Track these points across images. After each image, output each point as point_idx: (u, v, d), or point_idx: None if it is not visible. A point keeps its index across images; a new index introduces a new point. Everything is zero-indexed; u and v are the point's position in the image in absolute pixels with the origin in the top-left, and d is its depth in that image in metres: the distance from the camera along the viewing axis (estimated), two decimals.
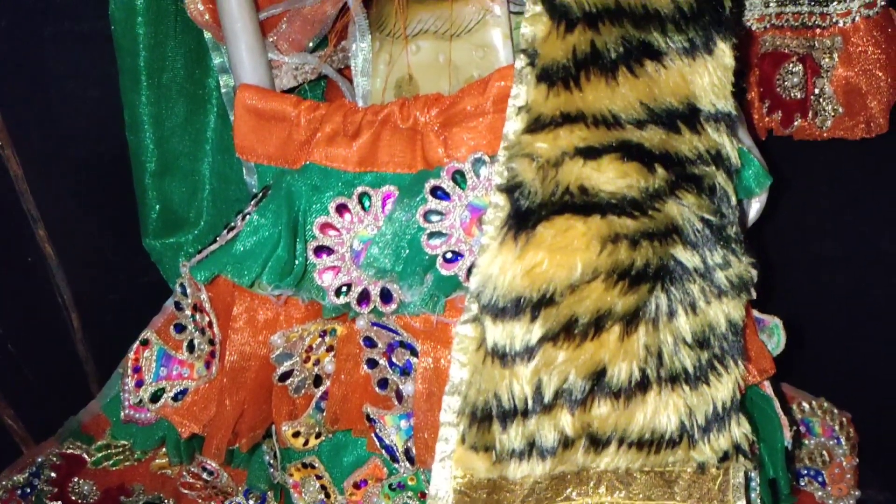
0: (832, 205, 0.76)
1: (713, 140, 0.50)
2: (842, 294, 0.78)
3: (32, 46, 0.74)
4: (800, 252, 0.78)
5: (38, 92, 0.75)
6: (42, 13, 0.74)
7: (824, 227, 0.77)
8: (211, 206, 0.73)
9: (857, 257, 0.76)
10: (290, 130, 0.56)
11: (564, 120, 0.47)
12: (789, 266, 0.78)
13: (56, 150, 0.76)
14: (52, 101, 0.76)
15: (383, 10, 0.56)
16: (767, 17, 0.73)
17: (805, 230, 0.78)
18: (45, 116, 0.76)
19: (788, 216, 0.73)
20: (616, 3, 0.47)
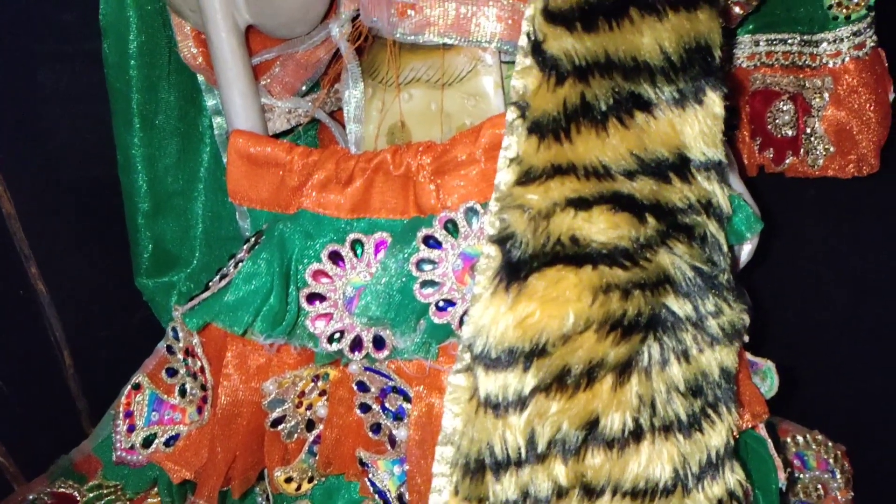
0: (823, 242, 0.77)
1: (704, 189, 0.50)
2: (835, 328, 0.78)
3: (24, 85, 0.75)
4: (792, 287, 0.79)
5: (30, 131, 0.75)
6: (35, 50, 0.74)
7: (816, 263, 0.78)
8: (203, 245, 0.73)
9: (848, 291, 0.76)
10: (283, 176, 0.56)
11: (555, 172, 0.47)
12: (781, 300, 0.79)
13: (48, 188, 0.76)
14: (45, 140, 0.76)
15: (376, 57, 0.57)
16: (758, 56, 0.73)
17: (796, 268, 0.79)
18: (38, 155, 0.76)
19: (779, 254, 0.74)
20: (606, 55, 0.47)
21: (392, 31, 0.51)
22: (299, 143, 0.67)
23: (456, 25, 0.50)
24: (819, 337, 0.80)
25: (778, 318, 0.77)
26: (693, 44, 0.49)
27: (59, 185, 0.77)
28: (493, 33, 0.51)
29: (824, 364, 0.80)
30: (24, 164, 0.76)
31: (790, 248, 0.77)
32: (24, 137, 0.75)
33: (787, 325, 0.79)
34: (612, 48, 0.48)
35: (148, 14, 0.63)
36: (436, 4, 0.50)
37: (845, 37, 0.67)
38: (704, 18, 0.50)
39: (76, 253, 0.79)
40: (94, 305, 0.81)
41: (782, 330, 0.77)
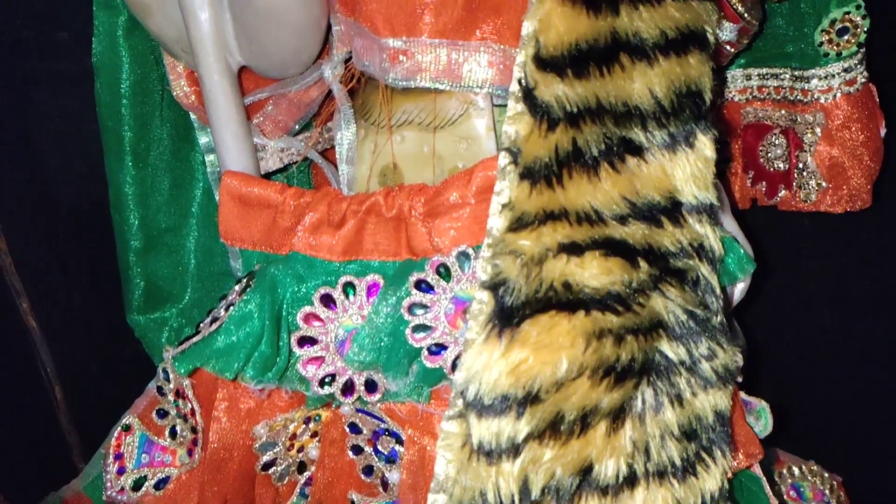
0: (815, 274, 0.77)
1: (696, 232, 0.50)
2: (829, 358, 0.78)
3: (19, 119, 0.75)
4: (784, 318, 0.79)
5: (22, 166, 0.75)
6: (32, 81, 0.74)
7: (808, 293, 0.78)
8: (196, 280, 0.72)
9: (842, 320, 0.76)
10: (275, 217, 0.56)
11: (547, 217, 0.47)
12: (774, 332, 0.78)
13: (40, 223, 0.76)
14: (37, 176, 0.76)
15: (368, 99, 0.57)
16: (749, 90, 0.74)
17: (790, 299, 0.79)
18: (30, 190, 0.76)
19: (772, 287, 0.74)
20: (597, 101, 0.48)
21: (384, 76, 0.51)
22: (292, 182, 0.68)
23: (447, 71, 0.50)
24: (813, 368, 0.80)
25: (771, 350, 0.77)
26: (684, 88, 0.49)
27: (51, 221, 0.77)
28: (485, 79, 0.51)
29: (819, 394, 0.80)
30: (17, 200, 0.76)
31: (782, 281, 0.77)
32: (17, 174, 0.75)
33: (780, 356, 0.79)
34: (604, 94, 0.48)
35: (140, 53, 0.63)
36: (427, 50, 0.50)
37: (836, 73, 0.67)
38: (695, 63, 0.50)
39: (68, 288, 0.78)
40: (85, 341, 0.80)
41: (776, 361, 0.77)
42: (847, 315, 0.76)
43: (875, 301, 0.74)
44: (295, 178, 0.69)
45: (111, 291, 0.73)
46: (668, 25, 0.49)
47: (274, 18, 0.52)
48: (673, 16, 0.49)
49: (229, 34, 0.55)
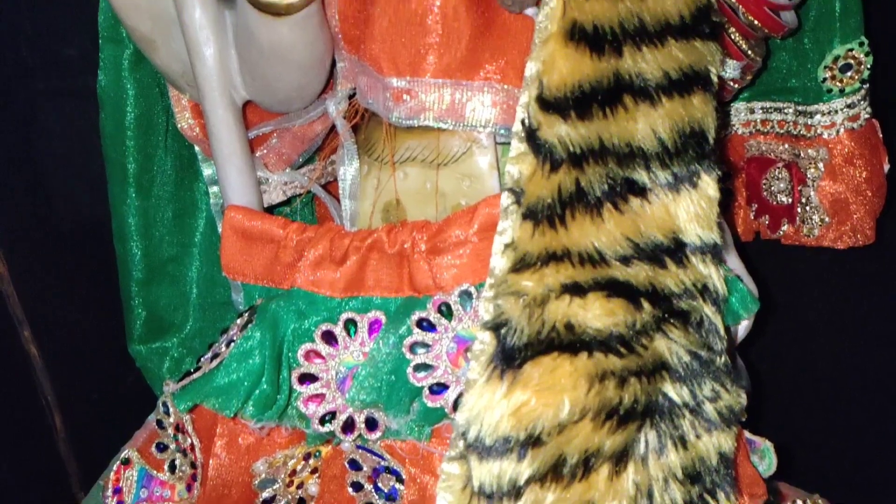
0: (819, 310, 0.77)
1: (699, 272, 0.50)
2: (834, 392, 0.78)
3: (23, 144, 0.75)
4: (789, 355, 0.78)
5: (24, 193, 0.75)
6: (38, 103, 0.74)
7: (813, 332, 0.77)
8: (197, 310, 0.72)
9: (847, 359, 0.76)
10: (278, 251, 0.55)
11: (550, 258, 0.47)
12: (778, 367, 0.78)
13: (43, 251, 0.76)
14: (39, 203, 0.76)
15: (371, 134, 0.57)
16: (753, 123, 0.74)
17: (793, 337, 0.78)
18: (32, 217, 0.76)
19: (776, 324, 0.73)
20: (600, 142, 0.48)
21: (388, 114, 0.51)
22: (295, 216, 0.68)
23: (451, 111, 0.50)
24: (818, 401, 0.79)
25: (775, 385, 0.77)
26: (687, 129, 0.49)
27: (54, 249, 0.77)
28: (488, 119, 0.51)
29: (824, 428, 0.80)
30: (20, 227, 0.76)
31: (786, 316, 0.76)
32: (18, 201, 0.75)
33: (784, 390, 0.79)
34: (607, 135, 0.48)
35: (145, 85, 0.63)
36: (431, 90, 0.50)
37: (839, 109, 0.67)
38: (698, 103, 0.50)
39: (69, 317, 0.78)
40: (86, 369, 0.80)
41: (780, 395, 0.77)
42: (851, 349, 0.76)
43: (880, 336, 0.73)
44: (298, 213, 0.69)
45: (113, 320, 0.73)
46: (671, 66, 0.49)
47: (278, 56, 0.52)
48: (676, 57, 0.49)
49: (234, 70, 0.55)
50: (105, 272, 0.72)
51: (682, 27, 0.49)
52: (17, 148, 0.75)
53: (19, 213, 0.76)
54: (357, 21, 0.52)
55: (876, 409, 0.75)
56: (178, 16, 0.54)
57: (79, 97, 0.69)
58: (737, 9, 0.57)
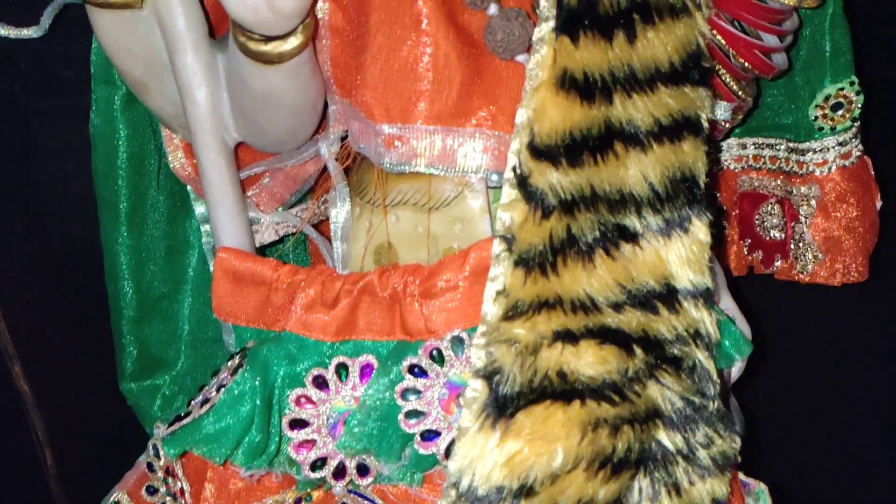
0: (815, 349, 0.76)
1: (692, 318, 0.50)
2: (830, 432, 0.78)
3: (13, 184, 0.75)
4: (782, 394, 0.78)
5: (16, 227, 0.75)
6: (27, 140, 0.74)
7: (807, 371, 0.77)
8: (189, 347, 0.72)
9: (841, 398, 0.76)
10: (269, 294, 0.55)
11: (542, 306, 0.47)
12: (772, 407, 0.78)
13: (34, 287, 0.76)
14: (31, 238, 0.76)
15: (364, 177, 0.57)
16: (745, 158, 0.74)
17: (787, 377, 0.78)
18: (24, 252, 0.76)
19: (770, 362, 0.73)
20: (591, 189, 0.48)
21: (379, 160, 0.51)
22: (288, 257, 0.68)
23: (442, 156, 0.50)
24: (812, 441, 0.79)
25: (769, 425, 0.76)
26: (678, 174, 0.49)
27: (45, 286, 0.76)
28: (480, 165, 0.51)
29: (819, 467, 0.79)
30: (10, 263, 0.76)
31: (779, 354, 0.76)
32: (11, 238, 0.75)
33: (778, 430, 0.78)
34: (598, 181, 0.48)
35: (138, 125, 0.63)
36: (422, 136, 0.50)
37: (831, 147, 0.67)
38: (689, 149, 0.50)
39: (61, 353, 0.78)
40: (77, 406, 0.79)
41: (774, 435, 0.77)
42: (847, 387, 0.76)
43: (876, 374, 0.73)
44: (291, 254, 0.69)
45: (104, 356, 0.73)
46: (662, 113, 0.49)
47: (270, 102, 0.52)
48: (666, 103, 0.49)
49: (226, 112, 0.55)
50: (97, 308, 0.72)
51: (672, 73, 0.49)
52: (10, 184, 0.75)
53: (11, 249, 0.76)
54: (349, 67, 0.52)
55: (872, 448, 0.75)
56: (170, 60, 0.54)
57: (76, 117, 0.68)
58: (727, 51, 0.57)
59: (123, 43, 0.54)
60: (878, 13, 0.70)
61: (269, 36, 0.47)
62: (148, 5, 0.52)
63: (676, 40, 0.50)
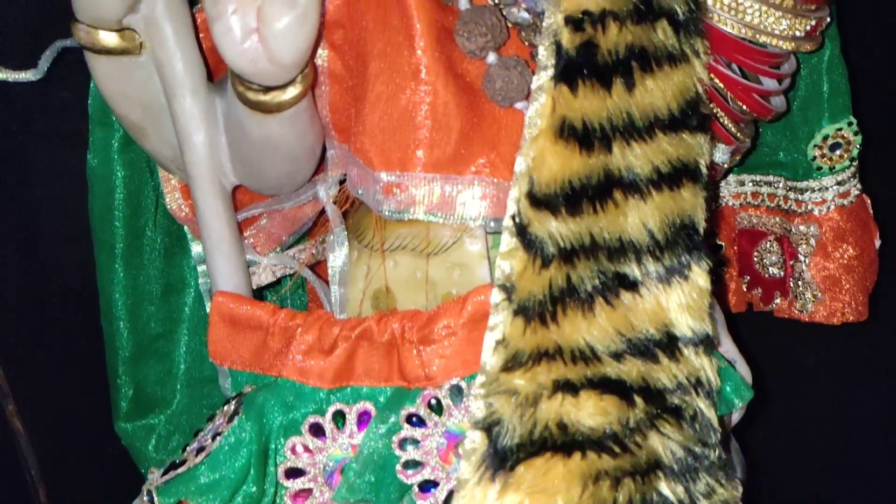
0: (816, 388, 0.76)
1: (693, 366, 0.49)
2: (831, 473, 0.77)
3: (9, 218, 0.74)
4: (783, 435, 0.78)
5: (11, 265, 0.75)
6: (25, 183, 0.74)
7: (807, 411, 0.77)
8: (185, 386, 0.71)
9: (843, 439, 0.75)
10: (266, 339, 0.55)
11: (542, 356, 0.46)
12: (772, 449, 0.77)
13: (28, 324, 0.75)
14: (26, 275, 0.75)
15: (362, 220, 0.57)
16: (743, 195, 0.74)
17: (788, 417, 0.78)
18: (19, 289, 0.75)
19: (770, 403, 0.73)
20: (591, 237, 0.47)
21: (378, 207, 0.51)
22: (286, 301, 0.67)
23: (441, 204, 0.50)
24: (813, 484, 0.78)
25: (770, 462, 0.76)
26: (677, 221, 0.49)
27: (40, 323, 0.76)
28: (479, 212, 0.51)
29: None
30: (5, 300, 0.75)
31: (780, 394, 0.76)
32: (7, 272, 0.75)
33: (778, 471, 0.78)
34: (597, 230, 0.48)
35: (135, 166, 0.63)
36: (421, 184, 0.50)
37: (830, 186, 0.67)
38: (688, 196, 0.50)
39: (55, 391, 0.77)
40: (70, 444, 0.78)
41: (775, 477, 0.76)
42: (847, 426, 0.75)
43: (876, 413, 0.73)
44: (288, 299, 0.68)
45: (99, 395, 0.72)
46: (660, 160, 0.49)
47: (269, 148, 0.52)
48: (665, 150, 0.49)
49: (224, 156, 0.55)
50: (92, 346, 0.71)
51: (670, 121, 0.49)
52: (5, 220, 0.74)
53: (6, 285, 0.75)
54: (348, 114, 0.52)
55: (873, 485, 0.74)
56: (168, 104, 0.54)
57: (74, 155, 0.68)
58: (726, 94, 0.57)
59: (121, 88, 0.54)
60: (875, 54, 0.71)
61: (268, 86, 0.47)
62: (146, 51, 0.52)
63: (675, 87, 0.50)
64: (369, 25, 0.50)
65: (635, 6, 0.49)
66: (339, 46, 0.52)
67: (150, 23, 0.51)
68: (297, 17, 0.43)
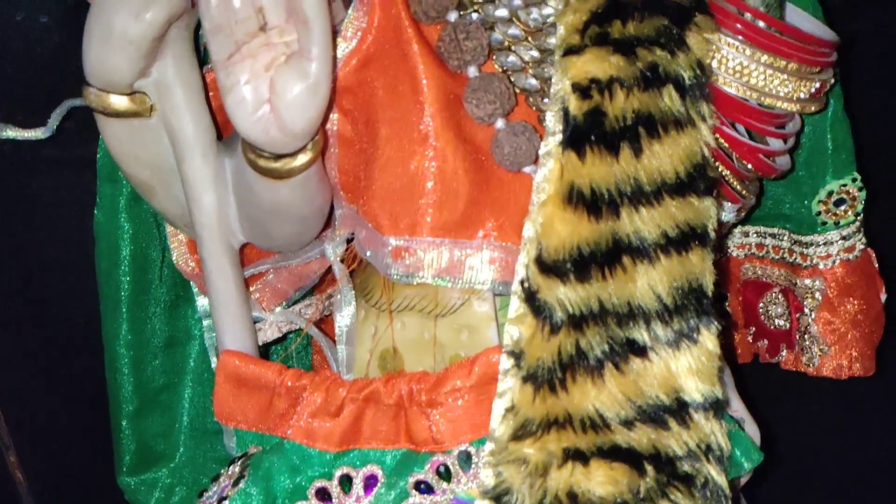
0: (820, 441, 0.76)
1: (703, 431, 0.49)
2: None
3: (16, 269, 0.74)
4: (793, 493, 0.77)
5: (15, 317, 0.75)
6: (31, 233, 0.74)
7: (817, 464, 0.76)
8: (188, 439, 0.70)
9: (847, 493, 0.74)
10: (272, 399, 0.54)
11: (552, 424, 0.46)
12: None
13: (32, 375, 0.75)
14: (29, 325, 0.75)
15: (369, 279, 0.57)
16: (748, 246, 0.74)
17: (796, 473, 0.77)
18: (21, 339, 0.75)
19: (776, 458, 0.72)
20: (599, 303, 0.47)
21: (386, 270, 0.51)
22: (292, 360, 0.67)
23: (449, 268, 0.50)
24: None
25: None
26: (686, 285, 0.49)
27: (42, 372, 0.76)
28: (487, 277, 0.51)
29: None
30: (8, 350, 0.75)
31: (788, 448, 0.75)
32: (10, 322, 0.75)
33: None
34: (606, 296, 0.48)
35: (142, 221, 0.63)
36: (429, 248, 0.50)
37: (835, 240, 0.67)
38: (696, 259, 0.50)
39: (56, 442, 0.76)
40: (72, 497, 0.78)
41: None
42: (853, 478, 0.75)
43: (882, 466, 0.72)
44: (294, 358, 0.68)
45: (101, 447, 0.71)
46: (668, 225, 0.49)
47: (279, 211, 0.52)
48: (673, 214, 0.49)
49: (232, 216, 0.55)
50: (95, 398, 0.71)
51: (678, 185, 0.49)
52: (11, 270, 0.74)
53: (9, 335, 0.75)
54: (357, 176, 0.53)
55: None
56: (177, 165, 0.54)
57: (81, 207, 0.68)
58: (731, 154, 0.58)
59: (131, 149, 0.54)
60: (878, 110, 0.71)
61: (279, 154, 0.47)
62: (157, 114, 0.53)
63: (682, 152, 0.50)
64: (379, 92, 0.50)
65: (642, 73, 0.49)
66: (348, 111, 0.52)
67: (161, 86, 0.52)
68: (308, 88, 0.44)
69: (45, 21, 0.68)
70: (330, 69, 0.44)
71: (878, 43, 0.72)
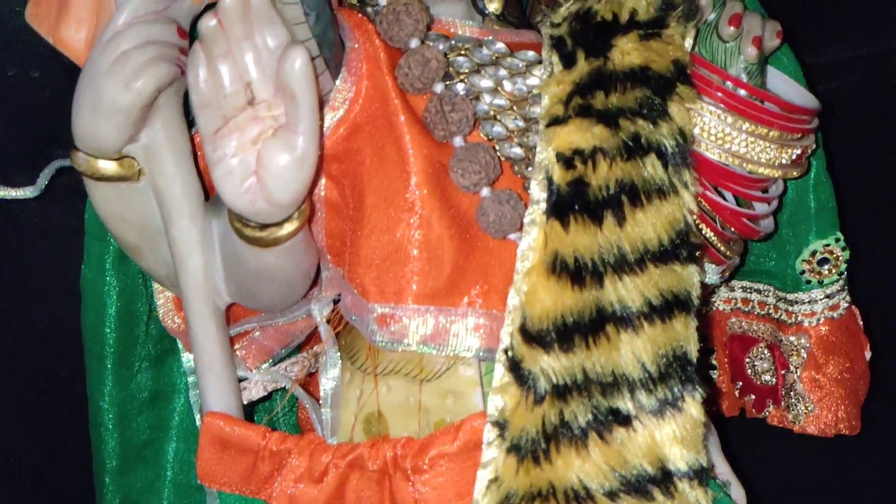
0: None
1: (688, 501, 0.49)
2: None
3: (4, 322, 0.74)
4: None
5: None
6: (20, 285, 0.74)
7: None
8: (172, 493, 0.69)
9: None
10: (256, 462, 0.54)
11: (535, 496, 0.46)
12: None
13: (14, 432, 0.75)
14: (13, 379, 0.75)
15: (355, 341, 0.57)
16: (734, 301, 0.74)
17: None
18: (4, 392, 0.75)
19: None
20: (584, 373, 0.48)
21: (371, 337, 0.51)
22: (278, 423, 0.67)
23: (434, 335, 0.50)
24: None
25: None
26: (670, 353, 0.49)
27: (25, 426, 0.75)
28: (472, 344, 0.51)
29: None
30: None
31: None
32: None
33: None
34: (590, 365, 0.48)
35: (129, 278, 0.63)
36: (414, 315, 0.50)
37: (819, 299, 0.68)
38: (680, 327, 0.50)
39: (40, 498, 0.76)
40: None
41: None
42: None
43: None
44: (281, 421, 0.68)
45: (85, 503, 0.71)
46: (652, 293, 0.49)
47: (265, 276, 0.52)
48: (657, 282, 0.50)
49: (219, 278, 0.55)
50: (79, 453, 0.70)
51: (661, 253, 0.50)
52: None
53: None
54: (343, 240, 0.53)
55: None
56: (164, 227, 0.54)
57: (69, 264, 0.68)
58: (714, 217, 0.58)
59: (118, 211, 0.54)
60: (860, 170, 0.72)
61: (265, 224, 0.48)
62: (144, 177, 0.53)
63: (665, 220, 0.50)
64: (366, 160, 0.51)
65: (624, 143, 0.50)
66: (336, 177, 0.53)
67: (150, 151, 0.52)
68: (295, 160, 0.44)
69: (37, 76, 0.69)
70: (317, 143, 0.45)
71: (859, 103, 0.74)
